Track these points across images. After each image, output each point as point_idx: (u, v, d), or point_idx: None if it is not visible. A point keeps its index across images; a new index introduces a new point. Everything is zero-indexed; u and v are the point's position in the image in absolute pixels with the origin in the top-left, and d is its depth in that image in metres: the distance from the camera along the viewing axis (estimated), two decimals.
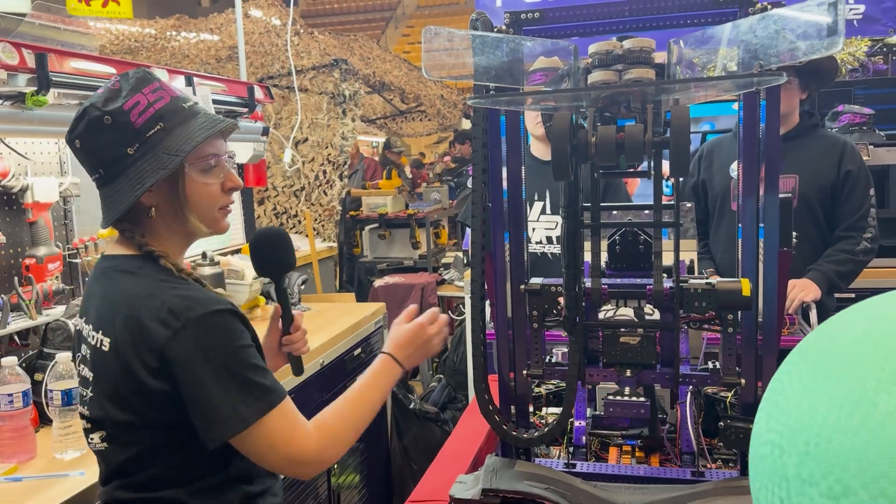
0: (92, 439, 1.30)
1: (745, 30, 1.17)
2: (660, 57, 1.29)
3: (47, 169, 2.49)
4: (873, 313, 0.82)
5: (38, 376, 1.96)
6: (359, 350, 3.05)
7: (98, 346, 1.25)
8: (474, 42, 1.27)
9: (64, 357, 1.81)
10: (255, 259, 1.50)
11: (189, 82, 2.67)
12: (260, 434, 1.21)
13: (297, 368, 1.59)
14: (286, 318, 1.53)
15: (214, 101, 2.76)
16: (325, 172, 4.57)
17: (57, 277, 2.35)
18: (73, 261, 2.52)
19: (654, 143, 1.14)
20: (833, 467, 0.76)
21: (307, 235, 4.09)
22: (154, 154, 1.21)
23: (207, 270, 2.79)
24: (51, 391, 1.80)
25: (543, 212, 2.75)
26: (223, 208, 1.34)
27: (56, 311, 2.21)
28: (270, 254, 1.48)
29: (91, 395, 1.27)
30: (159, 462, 1.25)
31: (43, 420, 1.96)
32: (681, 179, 2.96)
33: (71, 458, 1.79)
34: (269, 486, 1.39)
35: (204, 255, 2.87)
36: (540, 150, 2.77)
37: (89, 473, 1.70)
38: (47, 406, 1.87)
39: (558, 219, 2.51)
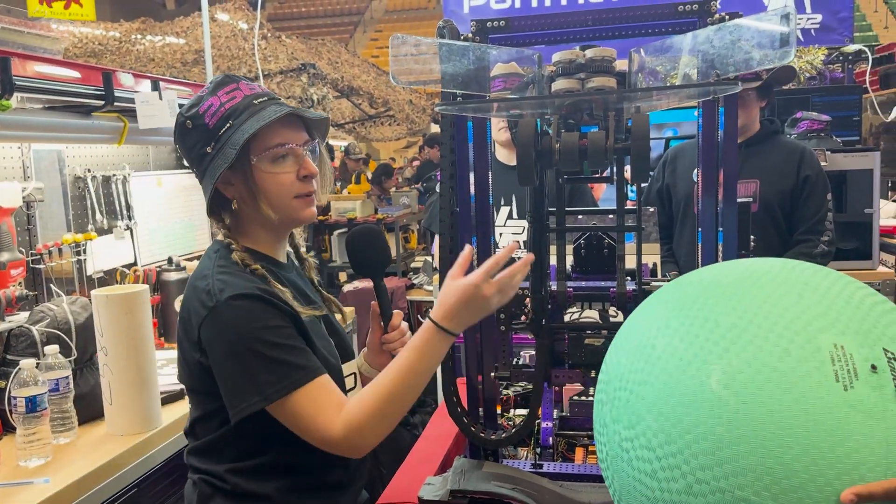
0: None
1: (703, 40, 1.21)
2: (621, 65, 1.32)
3: (10, 174, 2.45)
4: (669, 286, 0.98)
5: (0, 383, 1.93)
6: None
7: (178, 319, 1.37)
8: (441, 50, 1.29)
9: (28, 363, 1.79)
10: (353, 258, 1.50)
11: (155, 87, 2.65)
12: (286, 412, 1.24)
13: None
14: (385, 317, 1.52)
15: (180, 106, 2.75)
16: None
17: (20, 283, 2.31)
18: (37, 266, 2.48)
19: (616, 150, 1.17)
20: (629, 403, 0.91)
21: None
22: (223, 150, 1.30)
23: (174, 276, 2.76)
24: (14, 398, 1.78)
25: (510, 217, 2.78)
26: (300, 196, 1.35)
27: (19, 318, 2.17)
28: (368, 253, 1.49)
29: None
30: (211, 431, 1.34)
31: (7, 428, 1.93)
32: (643, 185, 3.02)
33: (35, 465, 1.77)
34: (326, 481, 1.38)
35: (170, 261, 2.84)
36: (505, 155, 2.80)
37: (54, 481, 1.68)
38: (10, 414, 1.84)
39: (525, 223, 2.54)
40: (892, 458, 0.75)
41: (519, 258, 1.30)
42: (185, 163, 1.42)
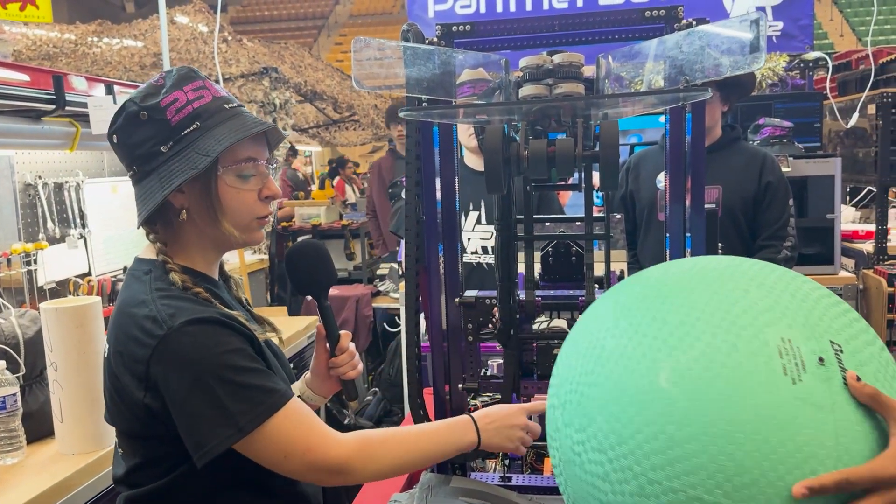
0: (116, 443, 1.28)
1: (672, 45, 1.19)
2: (589, 71, 1.30)
3: None
4: (618, 286, 1.00)
5: None
6: (291, 366, 2.97)
7: (106, 353, 1.22)
8: (405, 53, 1.25)
9: None
10: (294, 277, 1.38)
11: (109, 90, 2.57)
12: (268, 441, 1.11)
13: (350, 393, 1.44)
14: (332, 339, 1.40)
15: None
16: None
17: None
18: None
19: (585, 157, 1.15)
20: (580, 406, 0.90)
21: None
22: (186, 153, 1.16)
23: None
24: None
25: (479, 222, 2.76)
26: (260, 218, 1.26)
27: None
28: (311, 270, 1.37)
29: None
30: (156, 478, 1.19)
31: None
32: (610, 192, 3.01)
33: None
34: None
35: (125, 270, 2.75)
36: (473, 160, 2.79)
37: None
38: None
39: (493, 229, 2.52)
40: (843, 451, 0.75)
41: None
42: (120, 157, 1.25)
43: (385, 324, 4.60)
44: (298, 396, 1.35)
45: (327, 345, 1.41)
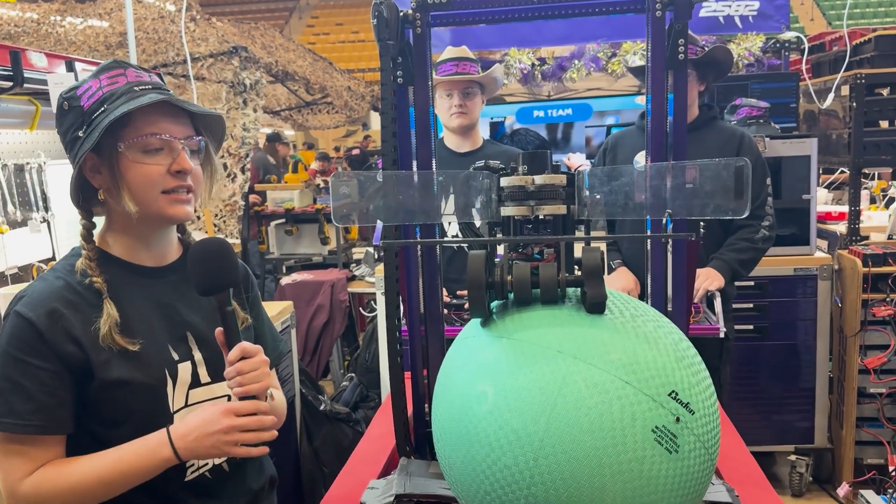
0: None
1: None
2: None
3: None
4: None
5: None
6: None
7: None
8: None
9: None
10: (195, 277, 1.25)
11: (70, 67, 2.48)
12: None
13: None
14: (227, 346, 1.25)
15: None
16: (225, 165, 4.38)
17: None
18: None
19: (568, 282, 1.09)
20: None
21: (206, 232, 3.91)
22: (92, 134, 1.22)
23: None
24: None
25: None
26: (169, 192, 1.27)
27: None
28: (211, 270, 1.24)
29: None
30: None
31: None
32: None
33: None
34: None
35: None
36: (454, 142, 2.75)
37: None
38: None
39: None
40: None
41: None
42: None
43: (360, 308, 4.56)
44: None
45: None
